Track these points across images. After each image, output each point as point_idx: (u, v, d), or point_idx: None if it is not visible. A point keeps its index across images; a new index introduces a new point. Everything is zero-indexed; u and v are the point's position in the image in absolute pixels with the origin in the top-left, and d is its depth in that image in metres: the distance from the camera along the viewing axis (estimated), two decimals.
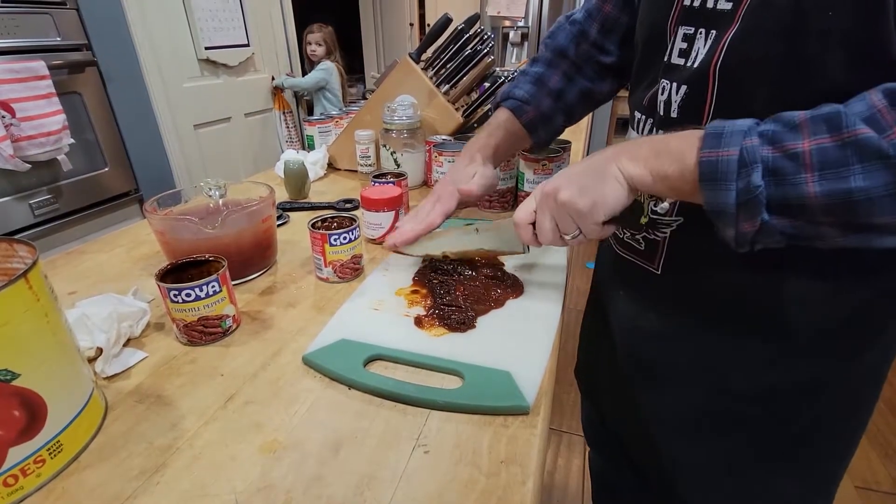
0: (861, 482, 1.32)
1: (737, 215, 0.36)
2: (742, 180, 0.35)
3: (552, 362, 0.48)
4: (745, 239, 0.37)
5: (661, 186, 0.41)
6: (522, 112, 0.66)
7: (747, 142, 0.35)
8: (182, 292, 0.48)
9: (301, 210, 0.90)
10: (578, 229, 0.47)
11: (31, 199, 1.58)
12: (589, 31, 0.64)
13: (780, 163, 0.34)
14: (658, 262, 0.53)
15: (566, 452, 1.44)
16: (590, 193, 0.44)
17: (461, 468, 0.37)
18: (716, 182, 0.36)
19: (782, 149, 0.34)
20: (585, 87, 0.67)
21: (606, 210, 0.44)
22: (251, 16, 2.38)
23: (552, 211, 0.48)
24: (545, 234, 0.50)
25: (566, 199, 0.45)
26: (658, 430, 0.59)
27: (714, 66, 0.42)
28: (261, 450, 0.38)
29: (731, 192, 0.35)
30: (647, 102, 0.51)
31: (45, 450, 0.36)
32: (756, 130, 0.35)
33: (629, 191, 0.43)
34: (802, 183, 0.33)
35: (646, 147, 0.42)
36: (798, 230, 0.35)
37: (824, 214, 0.33)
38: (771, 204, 0.35)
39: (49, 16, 1.57)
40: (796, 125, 0.34)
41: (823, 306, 0.45)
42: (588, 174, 0.45)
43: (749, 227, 0.36)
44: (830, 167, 0.32)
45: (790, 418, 0.50)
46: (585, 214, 0.45)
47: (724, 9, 0.41)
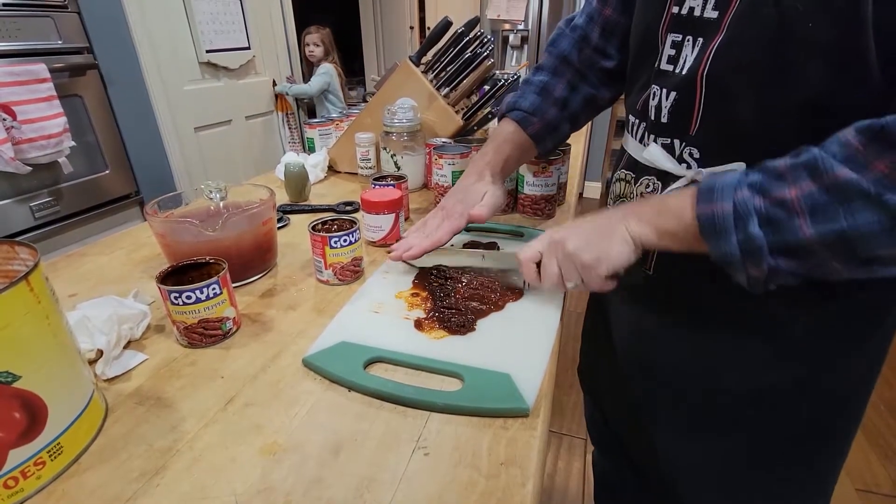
0: (861, 484, 1.31)
1: (743, 262, 0.37)
2: (741, 232, 0.36)
3: (552, 364, 0.48)
4: (757, 283, 0.38)
5: (667, 242, 0.44)
6: (529, 123, 0.66)
7: (738, 194, 0.37)
8: (182, 294, 0.48)
9: (301, 212, 0.91)
10: (581, 280, 0.49)
11: (31, 202, 1.59)
12: (591, 36, 0.64)
13: (772, 212, 0.35)
14: (650, 262, 0.54)
15: (566, 455, 1.44)
16: (596, 249, 0.47)
17: (461, 470, 0.37)
18: (716, 235, 0.38)
19: (772, 198, 0.36)
20: (589, 94, 0.67)
21: (611, 266, 0.47)
22: (252, 18, 2.39)
23: (559, 259, 0.50)
24: (549, 278, 0.52)
25: (572, 251, 0.48)
26: (656, 430, 0.59)
27: (701, 73, 0.43)
28: (261, 452, 0.38)
29: (732, 243, 0.37)
30: (640, 107, 0.52)
31: (46, 452, 0.36)
32: (745, 182, 0.37)
33: (635, 250, 0.46)
34: (797, 228, 0.35)
35: (648, 207, 0.45)
36: (806, 269, 0.37)
37: (826, 252, 0.35)
38: (773, 249, 0.36)
39: (50, 19, 1.58)
40: (780, 174, 0.36)
41: (814, 307, 0.46)
42: (597, 231, 0.48)
43: (757, 272, 0.37)
44: (819, 211, 0.34)
45: (785, 418, 0.51)
46: (589, 267, 0.47)
47: (711, 17, 0.42)
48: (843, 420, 0.52)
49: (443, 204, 0.68)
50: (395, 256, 0.65)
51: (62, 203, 1.68)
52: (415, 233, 0.66)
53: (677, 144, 0.48)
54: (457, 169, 0.86)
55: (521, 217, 0.86)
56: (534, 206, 0.85)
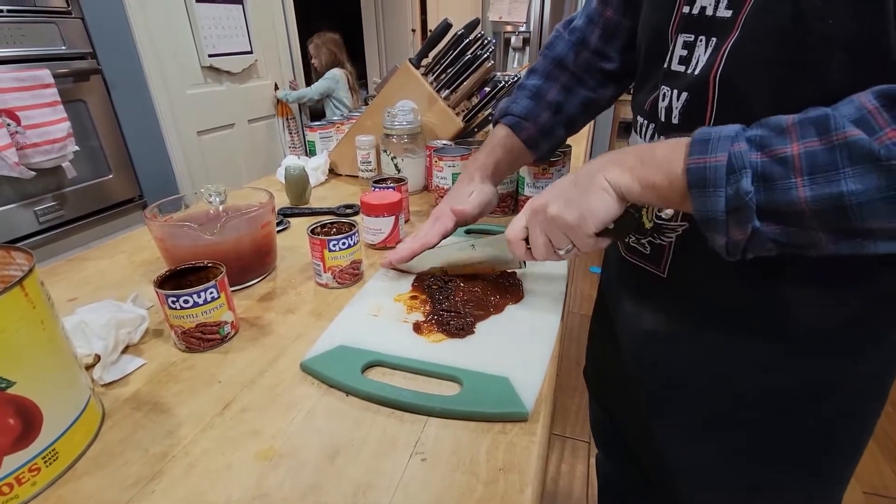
0: (870, 488, 1.30)
1: (727, 222, 0.35)
2: (731, 186, 0.34)
3: (552, 368, 0.48)
4: (736, 248, 0.36)
5: (649, 195, 0.41)
6: (521, 129, 0.66)
7: (735, 147, 0.34)
8: (180, 299, 0.48)
9: (302, 216, 0.91)
10: (571, 243, 0.47)
11: (35, 206, 1.60)
12: (589, 39, 0.63)
13: (769, 167, 0.33)
14: (664, 265, 0.53)
15: (570, 458, 1.43)
16: (578, 206, 0.44)
17: (459, 476, 0.36)
18: (704, 189, 0.35)
19: (771, 153, 0.33)
20: (586, 97, 0.66)
21: (596, 221, 0.44)
22: (254, 23, 2.40)
23: (543, 226, 0.48)
24: (538, 250, 0.49)
25: (555, 214, 0.45)
26: (665, 433, 0.59)
27: (714, 73, 0.42)
28: (257, 457, 0.38)
29: (720, 198, 0.34)
30: (649, 107, 0.51)
31: (41, 458, 0.36)
32: (743, 136, 0.35)
33: (618, 200, 0.43)
34: (793, 187, 0.32)
35: (632, 156, 0.42)
36: (790, 237, 0.35)
37: (815, 219, 0.33)
38: (761, 210, 0.34)
39: (54, 25, 1.59)
40: (784, 129, 0.33)
41: (826, 309, 0.45)
42: (575, 187, 0.45)
43: (740, 234, 0.35)
44: (820, 170, 0.31)
45: (796, 421, 0.50)
46: (575, 227, 0.45)
47: (724, 16, 0.41)
48: (854, 424, 0.51)
49: (434, 210, 0.68)
50: (385, 263, 0.65)
51: (66, 207, 1.69)
52: (407, 241, 0.66)
53: None
54: (457, 171, 0.86)
55: None
56: None
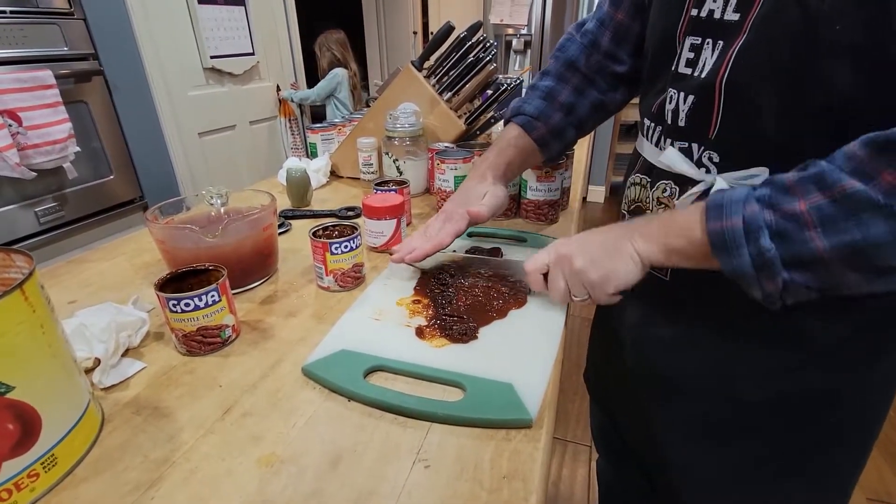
0: (873, 494, 1.29)
1: (757, 277, 0.37)
2: (752, 245, 0.36)
3: (555, 373, 0.48)
4: (773, 298, 0.38)
5: (675, 259, 0.43)
6: (533, 128, 0.66)
7: (747, 209, 0.36)
8: (181, 302, 0.48)
9: (303, 218, 0.90)
10: (588, 296, 0.49)
11: (36, 207, 1.59)
12: (601, 41, 0.63)
13: (782, 225, 0.35)
14: (667, 269, 0.53)
15: (571, 462, 1.42)
16: (603, 267, 0.47)
17: (462, 483, 0.36)
18: (728, 250, 0.37)
19: (781, 212, 0.35)
20: (597, 100, 0.66)
21: (618, 284, 0.47)
22: (256, 25, 2.40)
23: (566, 275, 0.50)
24: (556, 293, 0.52)
25: (580, 268, 0.48)
26: (667, 437, 0.58)
27: (721, 77, 0.42)
28: (258, 463, 0.38)
29: (745, 257, 0.36)
30: (656, 110, 0.52)
31: (40, 463, 0.35)
32: (753, 196, 0.37)
33: (642, 269, 0.46)
34: (809, 240, 0.34)
35: (655, 225, 0.45)
36: (821, 282, 0.36)
37: (840, 264, 0.34)
38: (786, 262, 0.36)
39: (56, 26, 1.59)
40: (788, 188, 0.36)
41: (834, 315, 0.44)
42: (604, 248, 0.47)
43: (772, 286, 0.37)
44: (829, 222, 0.33)
45: (800, 427, 0.49)
46: (596, 285, 0.47)
47: (732, 20, 0.41)
48: (859, 432, 0.51)
49: (445, 207, 0.67)
50: (397, 258, 0.63)
51: (67, 208, 1.69)
52: (417, 236, 0.65)
53: (696, 148, 0.47)
54: (459, 174, 0.86)
55: (524, 222, 0.86)
56: (537, 212, 0.84)
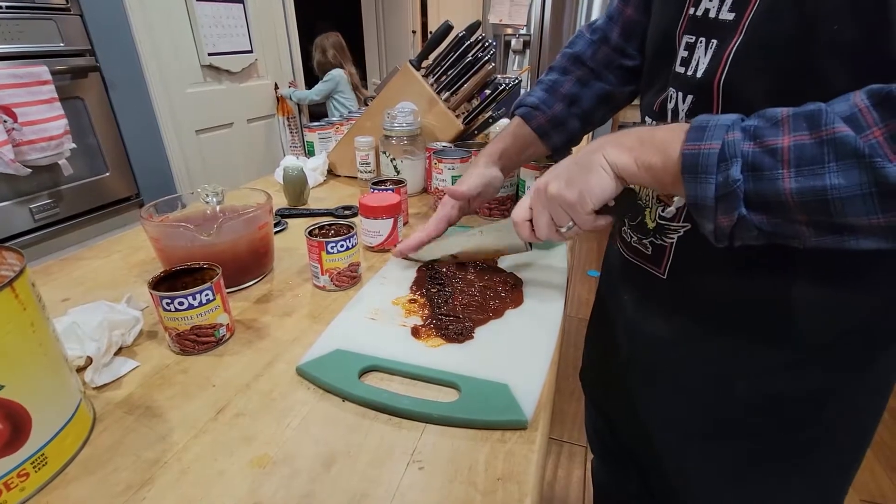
0: (867, 495, 1.29)
1: (715, 208, 0.36)
2: (721, 174, 0.35)
3: (551, 374, 0.47)
4: (723, 233, 0.37)
5: (645, 176, 0.42)
6: (532, 117, 0.66)
7: (729, 136, 0.35)
8: (175, 301, 0.47)
9: (300, 217, 0.90)
10: (572, 221, 0.48)
11: (31, 204, 1.58)
12: (610, 36, 0.63)
13: (758, 158, 0.34)
14: (664, 266, 0.53)
15: (566, 463, 1.42)
16: (577, 184, 0.45)
17: (456, 486, 0.36)
18: (696, 175, 0.36)
19: (762, 144, 0.34)
20: (603, 91, 0.66)
21: (594, 199, 0.45)
22: (255, 22, 2.39)
23: (545, 205, 0.49)
24: (541, 229, 0.51)
25: (555, 192, 0.47)
26: (661, 436, 0.58)
27: (718, 79, 0.42)
28: (251, 464, 0.37)
29: (710, 185, 0.35)
30: (658, 109, 0.52)
31: (30, 463, 0.35)
32: (739, 125, 0.36)
33: (615, 179, 0.44)
34: (779, 178, 0.33)
35: (632, 137, 0.43)
36: (774, 227, 0.35)
37: (799, 212, 0.34)
38: (748, 198, 0.35)
39: (52, 21, 1.58)
40: (778, 121, 0.34)
41: (829, 315, 0.45)
42: (576, 166, 0.46)
43: (727, 221, 0.36)
44: (807, 164, 0.32)
45: (796, 427, 0.49)
46: (575, 205, 0.46)
47: (727, 19, 0.41)
48: (854, 432, 0.51)
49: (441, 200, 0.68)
50: (396, 253, 0.67)
51: (62, 205, 1.67)
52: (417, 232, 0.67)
53: None
54: (457, 173, 0.86)
55: None
56: None
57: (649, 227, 0.53)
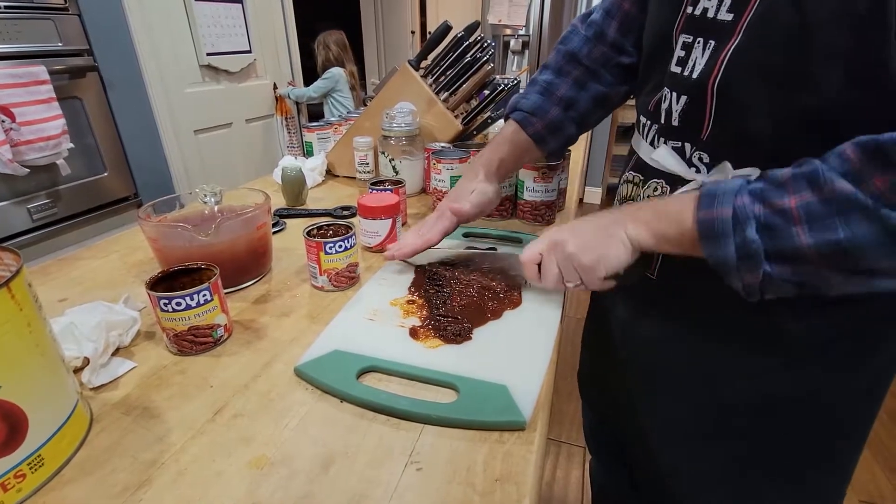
0: (866, 496, 1.29)
1: (738, 267, 0.38)
2: (738, 236, 0.37)
3: (550, 375, 0.47)
4: (752, 290, 0.39)
5: (664, 246, 0.44)
6: (528, 124, 0.65)
7: (738, 200, 0.37)
8: (172, 301, 0.47)
9: (298, 217, 0.90)
10: (581, 280, 0.50)
11: (29, 204, 1.58)
12: (607, 32, 0.62)
13: (770, 219, 0.36)
14: (654, 267, 0.53)
15: (565, 463, 1.42)
16: (595, 251, 0.48)
17: (455, 487, 0.36)
18: (714, 239, 0.38)
19: (771, 205, 0.36)
20: (600, 93, 0.65)
21: (609, 268, 0.48)
22: (253, 22, 2.39)
23: (559, 260, 0.51)
24: (549, 279, 0.53)
25: (572, 253, 0.49)
26: (657, 438, 0.59)
27: (714, 78, 0.42)
28: (249, 465, 0.37)
29: (729, 247, 0.37)
30: (653, 108, 0.51)
31: (26, 464, 0.35)
32: (746, 189, 0.37)
33: (632, 252, 0.46)
34: (794, 235, 0.35)
35: (648, 211, 0.46)
36: (801, 278, 0.37)
37: (822, 262, 0.35)
38: (770, 255, 0.36)
39: (51, 21, 1.58)
40: (781, 183, 0.36)
41: (817, 318, 0.45)
42: (596, 233, 0.49)
43: (752, 278, 0.38)
44: (817, 220, 0.34)
45: (789, 428, 0.50)
46: (589, 269, 0.49)
47: (725, 20, 0.41)
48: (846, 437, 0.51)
49: (439, 205, 0.68)
50: (388, 256, 0.66)
51: (60, 205, 1.67)
52: (411, 234, 0.66)
53: (688, 148, 0.47)
54: (455, 174, 0.85)
55: (520, 223, 0.86)
56: (534, 212, 0.84)
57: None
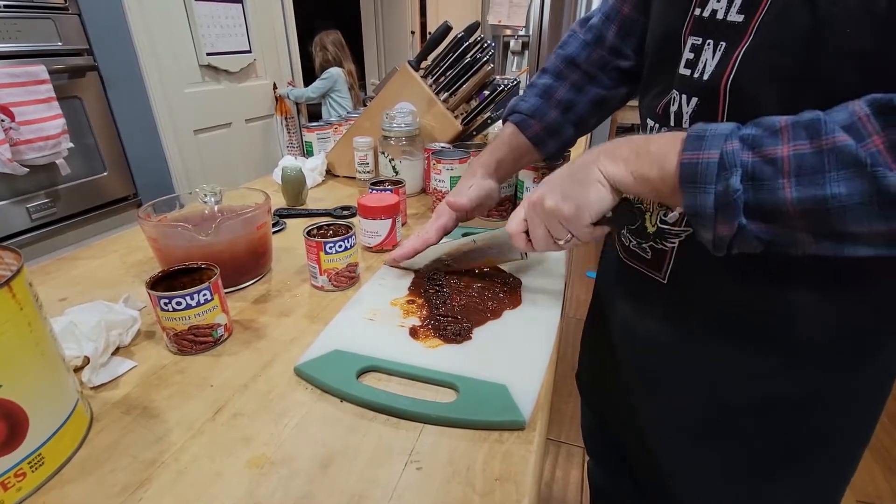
0: (864, 496, 1.30)
1: (715, 218, 0.36)
2: (721, 183, 0.35)
3: (549, 375, 0.47)
4: (722, 243, 0.37)
5: (642, 188, 0.41)
6: (527, 126, 0.66)
7: (728, 145, 0.35)
8: (172, 301, 0.47)
9: (298, 217, 0.90)
10: (570, 233, 0.48)
11: (28, 203, 1.58)
12: (606, 35, 0.62)
13: (758, 167, 0.34)
14: (665, 271, 0.52)
15: (564, 464, 1.42)
16: (573, 198, 0.45)
17: (454, 486, 0.36)
18: (695, 185, 0.36)
19: (762, 153, 0.34)
20: (598, 96, 0.66)
21: (592, 213, 0.45)
22: (253, 22, 2.39)
23: (541, 219, 0.49)
24: (539, 242, 0.51)
25: (552, 206, 0.47)
26: (657, 438, 0.58)
27: (726, 81, 0.41)
28: (248, 465, 0.37)
29: (709, 195, 0.35)
30: (661, 111, 0.51)
31: (26, 463, 0.35)
32: (738, 134, 0.35)
33: (612, 191, 0.44)
34: (780, 188, 0.33)
35: (627, 148, 0.42)
36: (774, 236, 0.35)
37: (799, 220, 0.33)
38: (748, 208, 0.35)
39: (51, 20, 1.58)
40: (777, 130, 0.34)
41: (827, 318, 0.44)
42: (571, 179, 0.46)
43: (726, 230, 0.36)
44: (807, 173, 0.32)
45: (789, 431, 0.49)
46: (572, 219, 0.46)
47: (736, 21, 0.40)
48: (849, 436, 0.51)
49: (437, 207, 0.68)
50: (389, 261, 0.67)
51: (59, 205, 1.67)
52: (412, 238, 0.66)
53: None
54: (455, 174, 0.86)
55: None
56: None
57: (649, 232, 0.53)
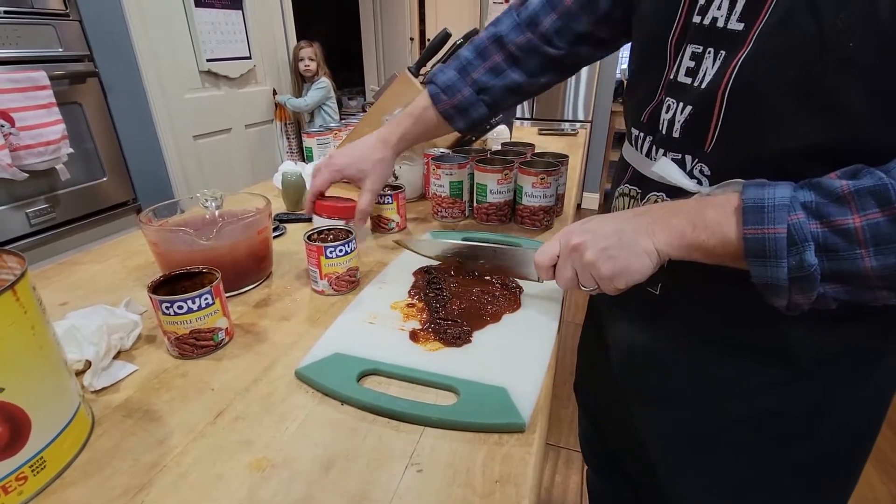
0: (861, 500, 1.30)
1: (790, 289, 0.35)
2: (794, 258, 0.34)
3: (549, 378, 0.48)
4: (797, 308, 0.37)
5: (696, 255, 0.41)
6: (439, 100, 0.68)
7: (792, 217, 0.34)
8: (174, 304, 0.48)
9: (298, 221, 0.90)
10: (598, 286, 0.47)
11: (27, 209, 1.58)
12: (541, 20, 0.62)
13: (830, 239, 0.33)
14: (657, 284, 0.52)
15: (564, 469, 1.42)
16: (615, 261, 0.43)
17: (455, 489, 0.36)
18: (765, 259, 0.35)
19: (831, 224, 0.33)
20: (515, 83, 0.66)
21: (630, 280, 0.44)
22: (253, 29, 2.40)
23: (575, 265, 0.47)
24: (564, 282, 0.49)
25: (591, 261, 0.45)
26: (655, 450, 0.58)
27: (723, 89, 0.40)
28: (249, 468, 0.37)
29: (781, 268, 0.35)
30: (647, 119, 0.50)
31: (28, 466, 0.35)
32: (798, 202, 0.34)
33: (657, 264, 0.43)
34: (858, 258, 0.33)
35: (681, 218, 0.41)
36: (854, 296, 0.35)
37: (881, 282, 0.34)
38: (825, 276, 0.34)
39: (51, 27, 1.59)
40: (840, 197, 0.33)
41: (826, 331, 0.44)
42: (618, 239, 0.44)
43: (803, 299, 0.36)
44: (885, 242, 0.32)
45: (790, 443, 0.49)
46: (607, 280, 0.45)
47: (736, 29, 0.40)
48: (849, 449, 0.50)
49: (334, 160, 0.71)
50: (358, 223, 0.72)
51: (59, 210, 1.67)
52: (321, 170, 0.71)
53: (689, 160, 0.46)
54: (455, 179, 0.86)
55: (518, 228, 0.86)
56: (532, 218, 0.84)
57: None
